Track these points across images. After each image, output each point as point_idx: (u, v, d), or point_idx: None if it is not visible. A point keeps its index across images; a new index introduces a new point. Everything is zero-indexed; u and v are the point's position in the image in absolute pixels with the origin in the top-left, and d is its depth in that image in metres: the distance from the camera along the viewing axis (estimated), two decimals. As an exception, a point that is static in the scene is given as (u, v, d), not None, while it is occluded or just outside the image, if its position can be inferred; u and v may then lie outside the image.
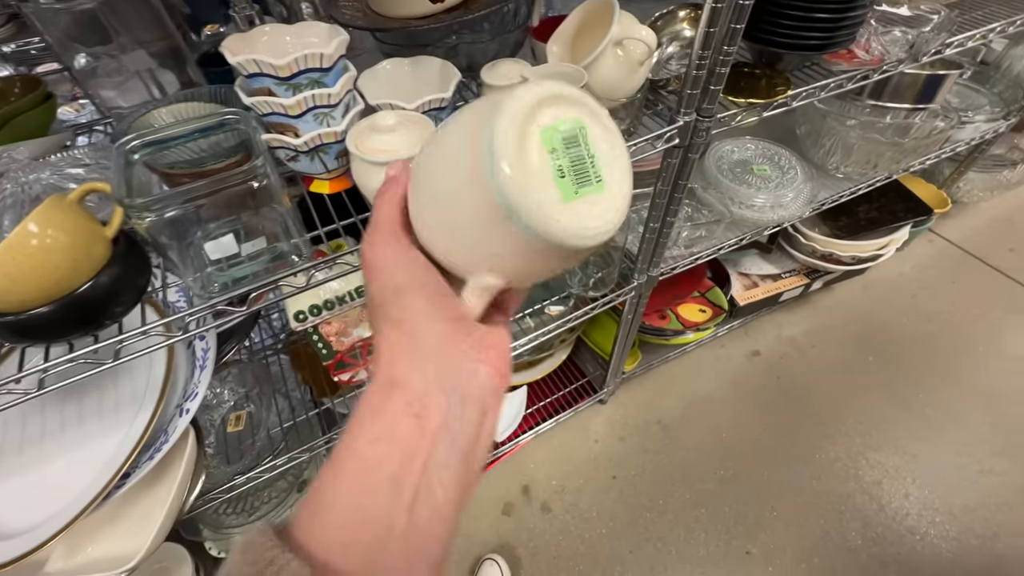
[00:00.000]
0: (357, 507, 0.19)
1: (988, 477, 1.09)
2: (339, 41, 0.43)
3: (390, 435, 0.19)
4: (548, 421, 1.16)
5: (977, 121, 1.03)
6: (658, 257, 0.82)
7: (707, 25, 0.51)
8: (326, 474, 0.20)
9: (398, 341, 0.21)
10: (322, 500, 0.19)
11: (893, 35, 0.67)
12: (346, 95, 0.47)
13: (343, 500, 0.19)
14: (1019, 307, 1.38)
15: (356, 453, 0.20)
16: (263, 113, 0.44)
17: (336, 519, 0.19)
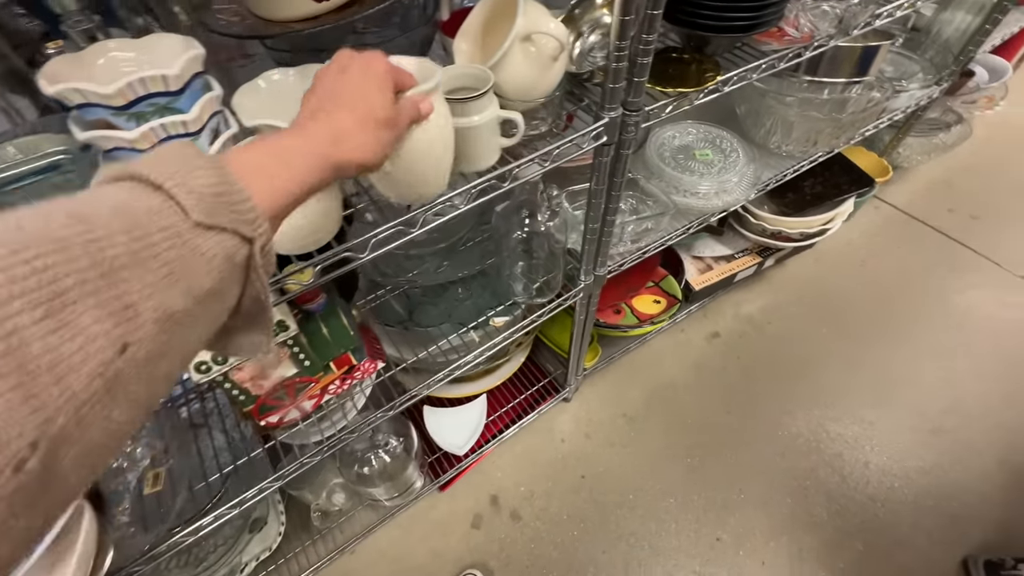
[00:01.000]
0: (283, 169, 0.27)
1: (940, 436, 1.12)
2: (188, 59, 0.37)
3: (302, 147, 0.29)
4: (512, 427, 1.13)
5: (911, 89, 1.03)
6: (603, 256, 0.78)
7: (621, 13, 0.46)
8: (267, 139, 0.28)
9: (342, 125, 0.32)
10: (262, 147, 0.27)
11: (822, 9, 0.64)
12: (211, 118, 0.40)
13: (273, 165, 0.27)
14: (960, 265, 1.42)
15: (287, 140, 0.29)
16: (107, 149, 0.37)
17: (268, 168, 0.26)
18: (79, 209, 0.18)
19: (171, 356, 0.20)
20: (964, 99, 1.42)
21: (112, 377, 0.17)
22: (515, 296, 0.78)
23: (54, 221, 0.17)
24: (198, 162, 0.22)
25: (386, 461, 0.93)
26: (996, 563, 0.90)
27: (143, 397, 0.19)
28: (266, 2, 0.50)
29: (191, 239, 0.20)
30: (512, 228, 0.73)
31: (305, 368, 0.62)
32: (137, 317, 0.17)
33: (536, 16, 0.47)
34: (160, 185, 0.20)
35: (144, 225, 0.19)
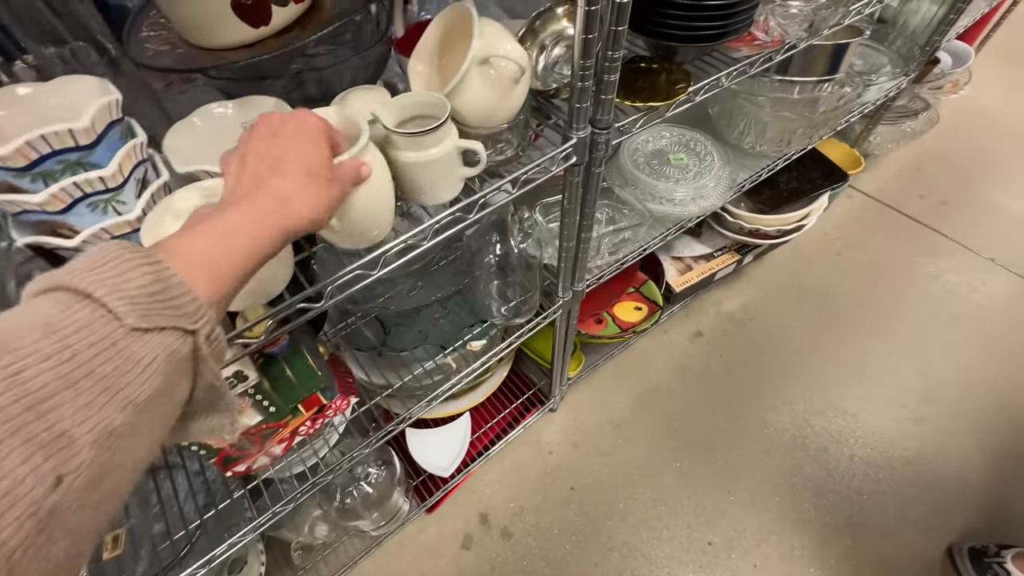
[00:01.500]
0: (215, 257, 0.25)
1: (921, 425, 1.13)
2: (101, 107, 0.33)
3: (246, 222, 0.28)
4: (499, 443, 1.10)
5: (880, 82, 1.02)
6: (580, 271, 0.76)
7: (584, 31, 0.43)
8: (197, 224, 0.26)
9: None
10: (193, 234, 0.26)
11: (791, 12, 0.62)
12: (136, 168, 0.36)
13: (207, 252, 0.25)
14: (932, 251, 1.44)
15: (223, 224, 0.27)
16: (14, 213, 0.33)
17: (203, 252, 0.25)
18: (4, 337, 0.17)
19: (117, 471, 0.19)
20: (930, 85, 1.43)
21: (46, 515, 0.16)
22: (492, 317, 0.76)
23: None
24: (133, 263, 0.21)
25: (369, 492, 0.89)
26: (980, 550, 0.92)
27: (88, 523, 0.18)
28: (198, 29, 0.45)
29: (127, 347, 0.19)
30: (485, 249, 0.70)
31: (271, 415, 0.58)
32: (71, 445, 0.17)
33: (494, 37, 0.43)
34: (90, 294, 0.19)
35: (74, 344, 0.18)
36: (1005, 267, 1.39)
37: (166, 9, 0.45)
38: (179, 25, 0.46)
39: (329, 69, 0.51)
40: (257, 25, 0.45)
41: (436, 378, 0.81)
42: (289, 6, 0.46)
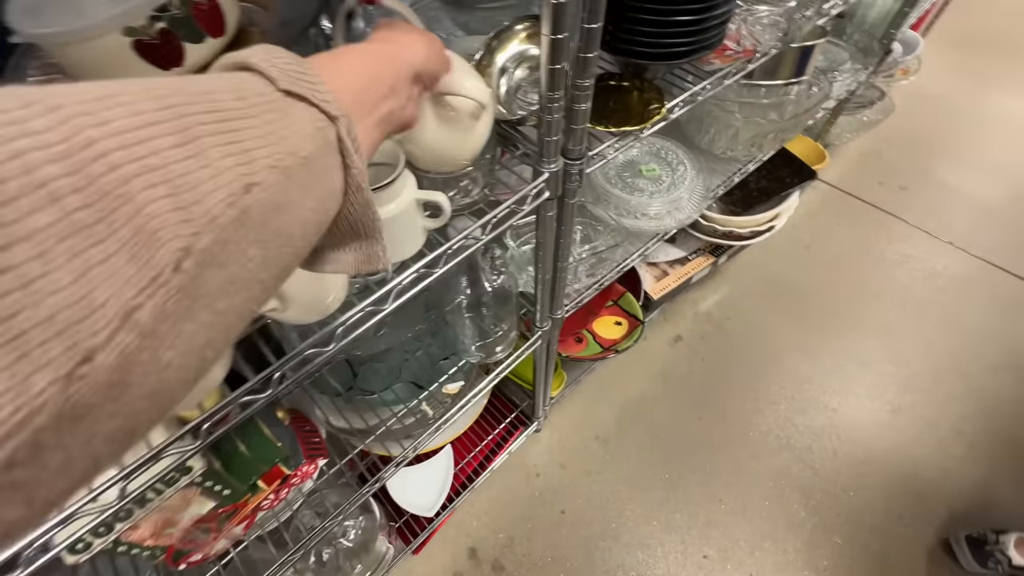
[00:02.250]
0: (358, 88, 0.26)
1: (898, 415, 1.15)
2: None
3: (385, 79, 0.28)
4: (484, 472, 1.06)
5: (843, 79, 1.01)
6: (558, 299, 0.72)
7: (550, 61, 0.39)
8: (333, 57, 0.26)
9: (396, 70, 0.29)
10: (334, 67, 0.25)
11: (761, 20, 0.59)
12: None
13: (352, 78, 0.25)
14: (895, 237, 1.47)
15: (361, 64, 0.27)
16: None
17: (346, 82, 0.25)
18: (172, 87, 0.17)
19: (288, 213, 0.19)
20: (884, 74, 1.45)
21: (243, 211, 0.17)
22: (468, 356, 0.70)
23: (158, 85, 0.17)
24: (279, 51, 0.22)
25: (349, 546, 0.83)
26: (978, 538, 0.93)
27: (272, 249, 0.18)
28: (96, 75, 0.38)
29: (283, 105, 0.20)
30: (455, 287, 0.64)
31: (225, 498, 0.52)
32: (254, 162, 0.17)
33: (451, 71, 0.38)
34: (246, 63, 0.20)
35: (242, 89, 0.19)
36: (963, 249, 1.43)
37: (57, 55, 0.38)
38: (73, 71, 0.39)
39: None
40: (167, 67, 0.38)
41: (410, 421, 0.75)
42: (206, 42, 0.39)
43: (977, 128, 1.75)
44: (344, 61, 0.26)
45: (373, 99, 0.26)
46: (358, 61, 0.26)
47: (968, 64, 1.97)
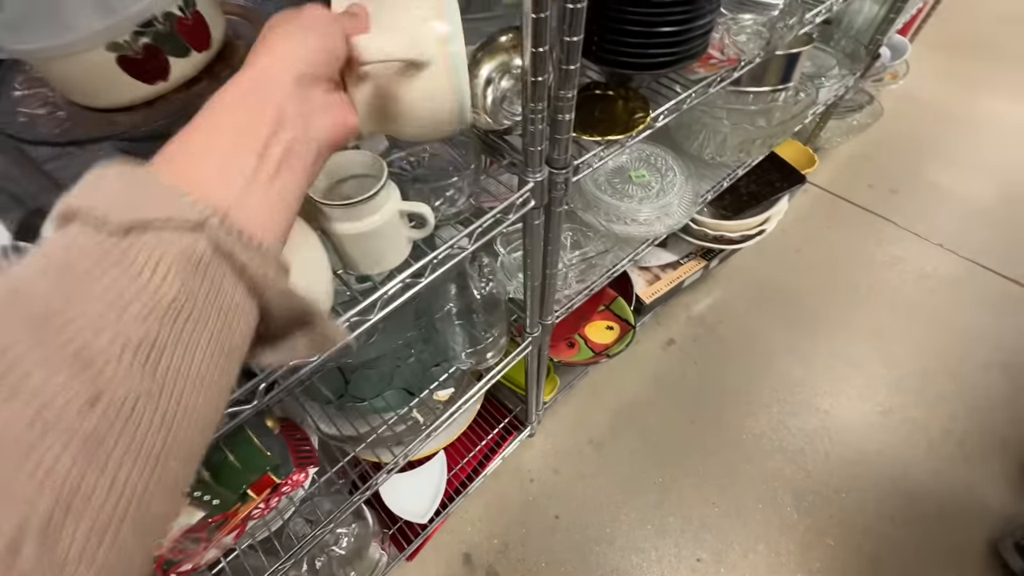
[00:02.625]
0: (225, 155, 0.21)
1: (889, 416, 1.16)
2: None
3: (252, 132, 0.22)
4: (477, 477, 1.06)
5: (830, 84, 1.03)
6: (548, 306, 0.72)
7: (532, 74, 0.39)
8: (189, 133, 0.21)
9: (274, 59, 0.24)
10: (186, 143, 0.21)
11: (745, 30, 0.60)
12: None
13: (214, 147, 0.21)
14: (884, 239, 1.48)
15: (222, 117, 0.22)
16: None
17: (204, 159, 0.20)
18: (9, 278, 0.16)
19: (171, 386, 0.16)
20: (872, 79, 1.47)
21: (91, 435, 0.14)
22: (458, 363, 0.71)
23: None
24: (110, 168, 0.18)
25: (342, 553, 0.83)
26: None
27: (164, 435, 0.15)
28: (82, 90, 0.38)
29: (122, 252, 0.16)
30: (444, 294, 0.65)
31: (215, 507, 0.52)
32: (92, 365, 0.14)
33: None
34: (68, 210, 0.17)
35: (62, 261, 0.16)
36: (953, 251, 1.44)
37: (41, 69, 0.38)
38: (58, 85, 0.39)
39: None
40: (152, 81, 0.39)
41: (402, 428, 0.75)
42: (190, 56, 0.40)
43: (966, 131, 1.77)
44: (198, 130, 0.21)
45: (255, 148, 0.21)
46: (218, 115, 0.22)
47: (956, 68, 1.99)
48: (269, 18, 0.28)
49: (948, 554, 0.98)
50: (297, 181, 0.23)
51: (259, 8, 0.48)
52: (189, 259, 0.17)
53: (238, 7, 0.47)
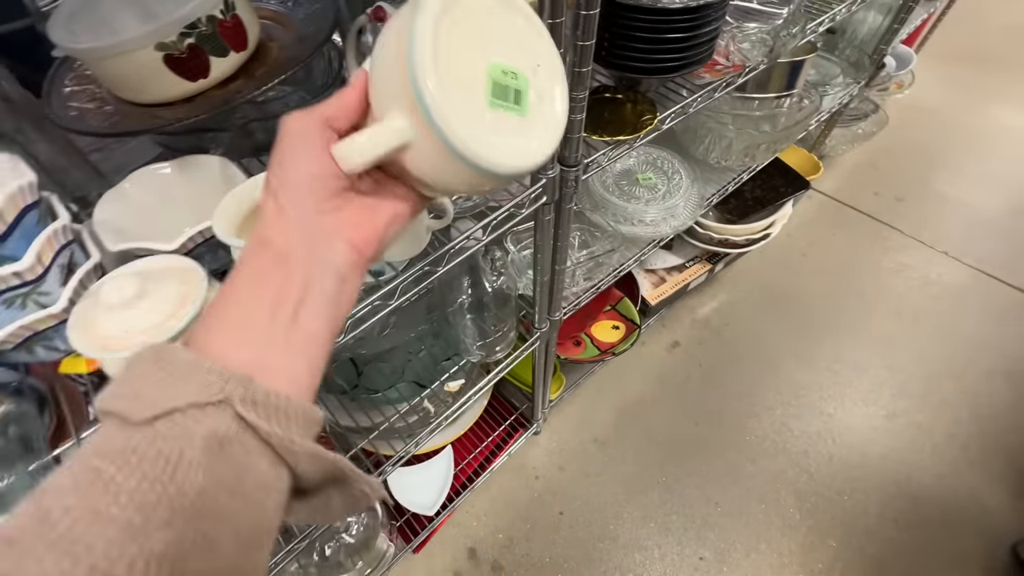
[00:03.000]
0: (240, 321, 0.21)
1: (893, 420, 1.17)
2: (10, 195, 0.29)
3: (265, 279, 0.22)
4: (484, 473, 1.08)
5: (834, 92, 1.05)
6: (556, 301, 0.74)
7: (547, 75, 0.42)
8: (211, 314, 0.22)
9: (271, 199, 0.23)
10: (208, 318, 0.22)
11: (749, 37, 0.62)
12: (60, 253, 0.32)
13: (228, 317, 0.21)
14: (891, 246, 1.49)
15: (237, 295, 0.22)
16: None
17: (225, 332, 0.21)
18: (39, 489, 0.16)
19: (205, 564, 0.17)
20: (878, 88, 1.49)
21: None
22: (468, 355, 0.73)
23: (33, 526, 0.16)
24: (139, 356, 0.19)
25: (351, 542, 0.85)
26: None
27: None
28: (129, 86, 0.41)
29: (145, 449, 0.17)
30: (457, 288, 0.67)
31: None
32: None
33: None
34: (102, 409, 0.18)
35: (95, 463, 0.16)
36: (957, 258, 1.45)
37: (92, 67, 0.41)
38: (106, 81, 0.42)
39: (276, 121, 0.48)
40: (194, 79, 0.42)
41: (413, 419, 0.78)
42: (229, 56, 0.43)
43: (972, 140, 1.78)
44: (220, 296, 0.22)
45: (267, 301, 0.21)
46: (231, 280, 0.22)
47: (962, 78, 2.00)
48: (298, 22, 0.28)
49: (951, 558, 0.99)
50: (321, 316, 0.22)
51: (290, 13, 0.51)
52: (214, 441, 0.17)
53: (271, 11, 0.50)
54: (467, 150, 0.22)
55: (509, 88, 0.24)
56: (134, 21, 0.42)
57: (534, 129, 0.25)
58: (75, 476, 0.16)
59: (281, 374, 0.21)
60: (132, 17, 0.42)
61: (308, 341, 0.22)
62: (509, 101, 0.24)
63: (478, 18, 0.24)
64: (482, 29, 0.24)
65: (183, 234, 0.35)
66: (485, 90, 0.23)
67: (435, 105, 0.21)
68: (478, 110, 0.23)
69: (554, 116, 0.26)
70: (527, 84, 0.25)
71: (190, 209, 0.39)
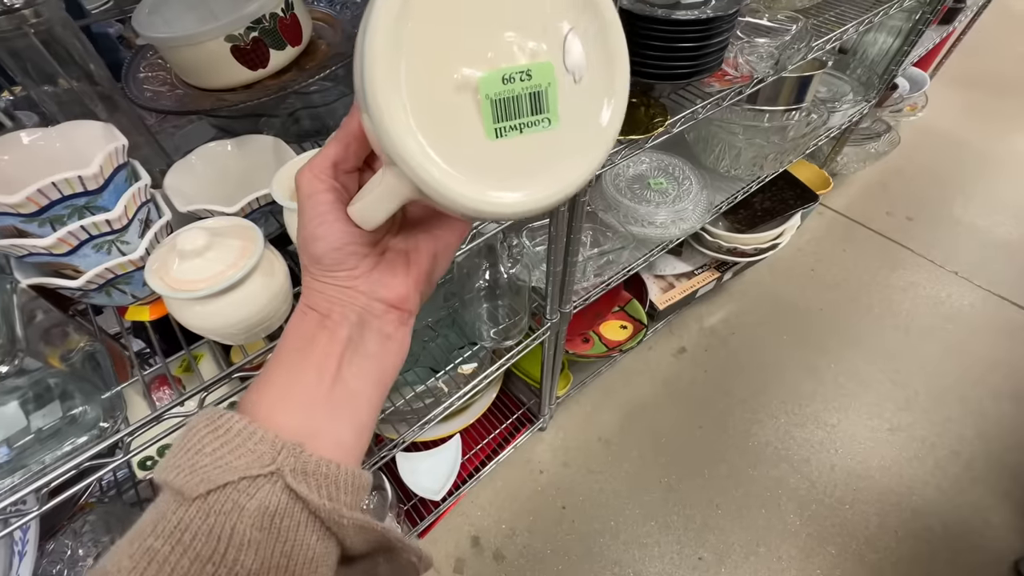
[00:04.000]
0: (287, 387, 0.22)
1: (896, 434, 1.18)
2: (109, 154, 0.34)
3: (310, 341, 0.23)
4: (489, 464, 1.11)
5: (844, 109, 1.08)
6: (567, 294, 0.78)
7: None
8: (258, 380, 0.23)
9: (305, 271, 0.24)
10: (256, 390, 0.22)
11: (758, 51, 0.67)
12: (140, 209, 0.37)
13: (275, 386, 0.22)
14: (900, 264, 1.51)
15: (282, 360, 0.23)
16: (19, 256, 0.34)
17: (272, 396, 0.22)
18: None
19: None
20: (890, 109, 1.52)
21: None
22: (482, 340, 0.77)
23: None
24: (192, 428, 0.20)
25: (359, 518, 0.89)
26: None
27: None
28: (198, 73, 0.47)
29: (199, 527, 0.17)
30: (474, 273, 0.72)
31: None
32: None
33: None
34: (159, 482, 0.19)
35: (152, 544, 0.17)
36: (968, 279, 1.46)
37: (167, 55, 0.47)
38: (178, 68, 0.48)
39: (328, 105, 0.53)
40: (255, 68, 0.47)
41: (427, 401, 0.81)
42: (286, 50, 0.48)
43: (986, 165, 1.79)
44: (275, 355, 0.23)
45: (312, 361, 0.22)
46: (280, 346, 0.23)
47: (977, 103, 2.02)
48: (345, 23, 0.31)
49: (951, 570, 0.99)
50: (365, 374, 0.23)
51: (338, 15, 0.57)
52: (265, 516, 0.18)
53: (322, 13, 0.56)
54: (477, 210, 0.18)
55: (520, 98, 0.18)
56: (198, 19, 0.48)
57: (569, 139, 0.19)
58: (133, 558, 0.17)
59: (328, 438, 0.21)
60: (196, 16, 0.48)
61: (353, 401, 0.23)
62: (523, 115, 0.18)
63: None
64: (473, 10, 0.17)
65: (244, 199, 0.40)
66: (482, 116, 0.18)
67: (421, 174, 0.17)
68: (481, 147, 0.18)
69: (598, 119, 0.20)
70: (551, 75, 0.18)
71: (244, 181, 0.44)
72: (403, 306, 0.24)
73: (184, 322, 0.37)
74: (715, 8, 0.56)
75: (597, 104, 0.20)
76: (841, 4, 0.84)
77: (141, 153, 0.48)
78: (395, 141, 0.17)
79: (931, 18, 1.00)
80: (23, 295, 0.35)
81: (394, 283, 0.24)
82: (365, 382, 0.23)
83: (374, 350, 0.23)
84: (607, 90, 0.20)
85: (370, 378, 0.23)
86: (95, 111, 0.45)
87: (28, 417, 0.36)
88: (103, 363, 0.39)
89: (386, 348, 0.24)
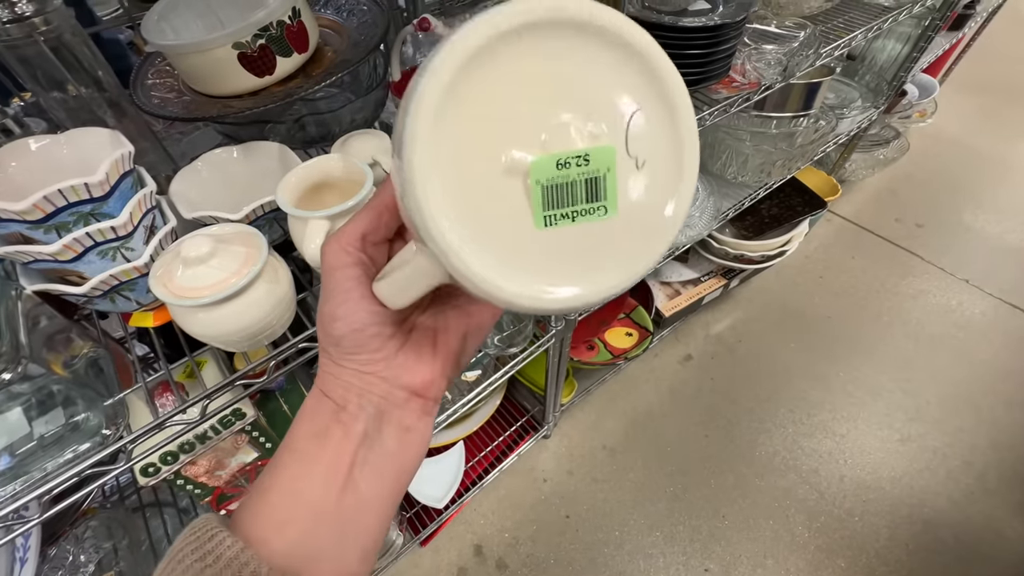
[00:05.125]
0: (292, 492, 0.20)
1: (907, 444, 1.16)
2: (115, 161, 0.34)
3: (322, 435, 0.21)
4: (493, 472, 1.10)
5: (852, 115, 1.08)
6: (573, 301, 0.78)
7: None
8: (266, 470, 0.21)
9: (323, 351, 0.22)
10: (260, 489, 0.21)
11: (765, 57, 0.66)
12: (145, 216, 0.37)
13: (280, 487, 0.21)
14: (911, 272, 1.49)
15: (293, 449, 0.21)
16: (25, 262, 0.34)
17: (273, 502, 0.20)
18: None
19: None
20: (899, 115, 1.51)
21: None
22: (486, 348, 0.77)
23: None
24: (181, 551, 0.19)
25: (362, 525, 0.88)
26: None
27: None
28: (204, 79, 0.47)
29: None
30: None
31: (267, 450, 0.58)
32: None
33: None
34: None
35: None
36: (979, 287, 1.44)
37: (175, 61, 0.47)
38: (185, 75, 0.48)
39: (333, 112, 0.53)
40: (262, 75, 0.47)
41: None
42: (292, 57, 0.48)
43: (995, 172, 1.77)
44: (286, 443, 0.22)
45: (322, 466, 0.21)
46: (285, 443, 0.22)
47: (987, 110, 2.00)
48: (352, 30, 0.30)
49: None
50: (380, 475, 0.21)
51: (344, 22, 0.57)
52: None
53: (328, 20, 0.56)
54: (520, 304, 0.16)
55: (575, 184, 0.16)
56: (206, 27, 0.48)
57: (626, 229, 0.17)
58: None
59: (330, 566, 0.20)
60: (204, 24, 0.48)
61: (363, 514, 0.21)
62: (577, 203, 0.16)
63: (523, 66, 0.15)
64: (529, 87, 0.16)
65: (248, 206, 0.40)
66: (532, 203, 0.16)
67: (456, 264, 0.15)
68: (528, 236, 0.16)
69: (662, 209, 0.18)
70: (611, 159, 0.17)
71: (250, 187, 0.44)
72: (427, 393, 0.22)
73: (187, 329, 0.36)
74: (722, 15, 0.55)
75: (661, 192, 0.18)
76: (850, 11, 0.83)
77: (147, 159, 0.48)
78: (430, 227, 0.15)
79: (940, 24, 0.99)
80: (28, 301, 0.35)
81: (419, 367, 0.21)
82: (379, 486, 0.21)
83: (392, 448, 0.21)
84: (674, 177, 0.18)
85: (385, 480, 0.21)
86: (103, 117, 0.46)
87: (31, 424, 0.36)
88: (106, 369, 0.39)
89: (405, 443, 0.22)
